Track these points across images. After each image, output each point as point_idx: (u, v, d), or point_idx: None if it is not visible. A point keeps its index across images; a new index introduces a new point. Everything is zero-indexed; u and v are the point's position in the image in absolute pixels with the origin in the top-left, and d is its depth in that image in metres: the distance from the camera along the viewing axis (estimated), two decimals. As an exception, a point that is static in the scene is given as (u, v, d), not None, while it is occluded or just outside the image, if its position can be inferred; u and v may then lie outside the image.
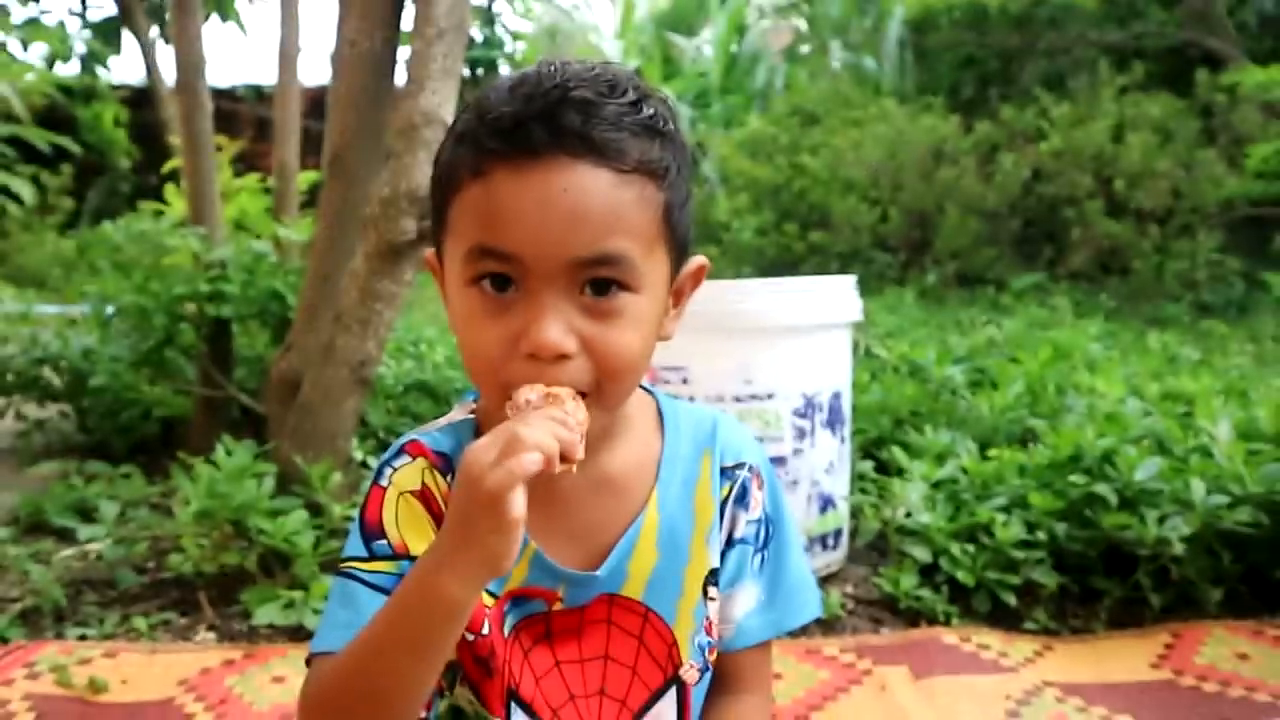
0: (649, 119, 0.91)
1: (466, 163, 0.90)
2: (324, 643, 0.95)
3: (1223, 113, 6.88)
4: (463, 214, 0.91)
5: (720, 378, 2.27)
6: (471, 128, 0.91)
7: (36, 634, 2.13)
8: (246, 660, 2.01)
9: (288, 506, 2.29)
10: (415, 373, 3.89)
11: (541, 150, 0.86)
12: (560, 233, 0.87)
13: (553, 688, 1.04)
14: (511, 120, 0.87)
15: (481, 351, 0.92)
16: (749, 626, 1.12)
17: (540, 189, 0.86)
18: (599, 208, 0.88)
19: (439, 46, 2.35)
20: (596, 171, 0.87)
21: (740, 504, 1.10)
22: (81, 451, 3.46)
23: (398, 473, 1.02)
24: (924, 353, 3.79)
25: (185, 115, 3.35)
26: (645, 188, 0.91)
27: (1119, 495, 2.21)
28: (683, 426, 1.10)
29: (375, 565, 0.98)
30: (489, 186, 0.88)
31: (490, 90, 0.92)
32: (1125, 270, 7.06)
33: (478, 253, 0.89)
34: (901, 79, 10.42)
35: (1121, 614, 2.20)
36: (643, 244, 0.91)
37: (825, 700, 1.88)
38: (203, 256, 3.16)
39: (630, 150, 0.89)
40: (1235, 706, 1.82)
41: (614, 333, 0.91)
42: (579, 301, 0.90)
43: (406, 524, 0.99)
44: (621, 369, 0.93)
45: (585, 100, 0.87)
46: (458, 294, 0.93)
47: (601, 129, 0.87)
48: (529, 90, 0.88)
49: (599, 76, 0.90)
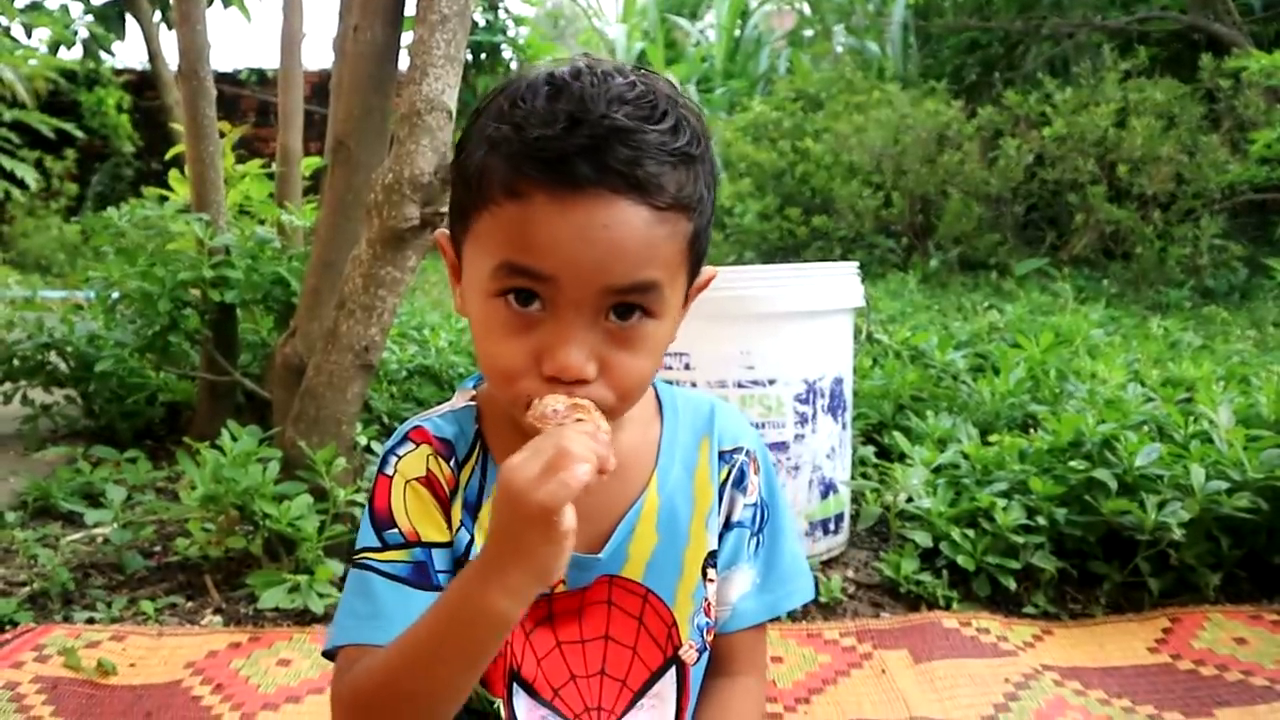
0: (686, 146, 0.90)
1: (500, 178, 0.88)
2: (346, 635, 0.97)
3: (1227, 98, 6.84)
4: (495, 229, 0.90)
5: (723, 363, 2.28)
6: (507, 139, 0.88)
7: (45, 617, 2.15)
8: (252, 644, 2.03)
9: (292, 491, 2.31)
10: (419, 358, 3.91)
11: (585, 184, 0.86)
12: (596, 264, 0.87)
13: (554, 668, 1.05)
14: (557, 153, 0.85)
15: (501, 364, 0.92)
16: (744, 609, 1.13)
17: (581, 221, 0.86)
18: (636, 243, 0.88)
19: (442, 33, 2.35)
20: (636, 208, 0.87)
21: (738, 487, 1.12)
22: (87, 436, 3.49)
23: (403, 460, 1.03)
24: (926, 338, 3.80)
25: (189, 101, 3.35)
26: (679, 222, 0.92)
27: (1119, 481, 2.22)
28: (681, 412, 1.12)
29: (389, 555, 0.99)
30: (526, 210, 0.87)
31: (524, 91, 0.90)
32: (1128, 255, 7.04)
33: (508, 269, 0.89)
34: (905, 63, 10.40)
35: (1120, 599, 2.22)
36: (670, 272, 0.93)
37: (825, 683, 1.90)
38: (207, 242, 3.17)
39: (669, 185, 0.89)
40: (1232, 690, 1.84)
41: (632, 359, 0.92)
42: (603, 326, 0.90)
43: (416, 512, 1.01)
44: (635, 392, 0.95)
45: (628, 131, 0.86)
46: (481, 302, 0.93)
47: (646, 166, 0.87)
48: (573, 111, 0.86)
49: (641, 96, 0.89)
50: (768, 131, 8.84)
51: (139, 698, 1.83)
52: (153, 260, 3.25)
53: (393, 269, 2.40)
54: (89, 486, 2.84)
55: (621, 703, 1.07)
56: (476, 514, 1.03)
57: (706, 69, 12.66)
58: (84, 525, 2.58)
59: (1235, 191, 6.89)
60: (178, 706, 1.80)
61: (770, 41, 12.51)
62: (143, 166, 11.63)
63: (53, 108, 10.13)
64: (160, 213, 3.44)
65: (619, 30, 13.82)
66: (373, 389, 3.33)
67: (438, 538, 1.01)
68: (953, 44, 10.24)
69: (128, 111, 11.64)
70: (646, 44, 13.03)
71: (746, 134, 8.93)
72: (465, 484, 1.03)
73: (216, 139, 3.42)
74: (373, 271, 2.40)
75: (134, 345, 3.31)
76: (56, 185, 10.97)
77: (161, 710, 1.79)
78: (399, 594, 0.98)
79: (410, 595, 0.98)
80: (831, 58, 11.01)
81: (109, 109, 11.39)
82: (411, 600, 0.97)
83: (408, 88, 2.36)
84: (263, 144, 10.38)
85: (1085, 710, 1.77)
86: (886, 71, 9.74)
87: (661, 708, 1.09)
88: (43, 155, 10.58)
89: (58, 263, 9.44)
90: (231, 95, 11.32)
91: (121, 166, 11.77)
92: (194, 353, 3.51)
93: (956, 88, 9.19)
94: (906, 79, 9.70)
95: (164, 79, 9.61)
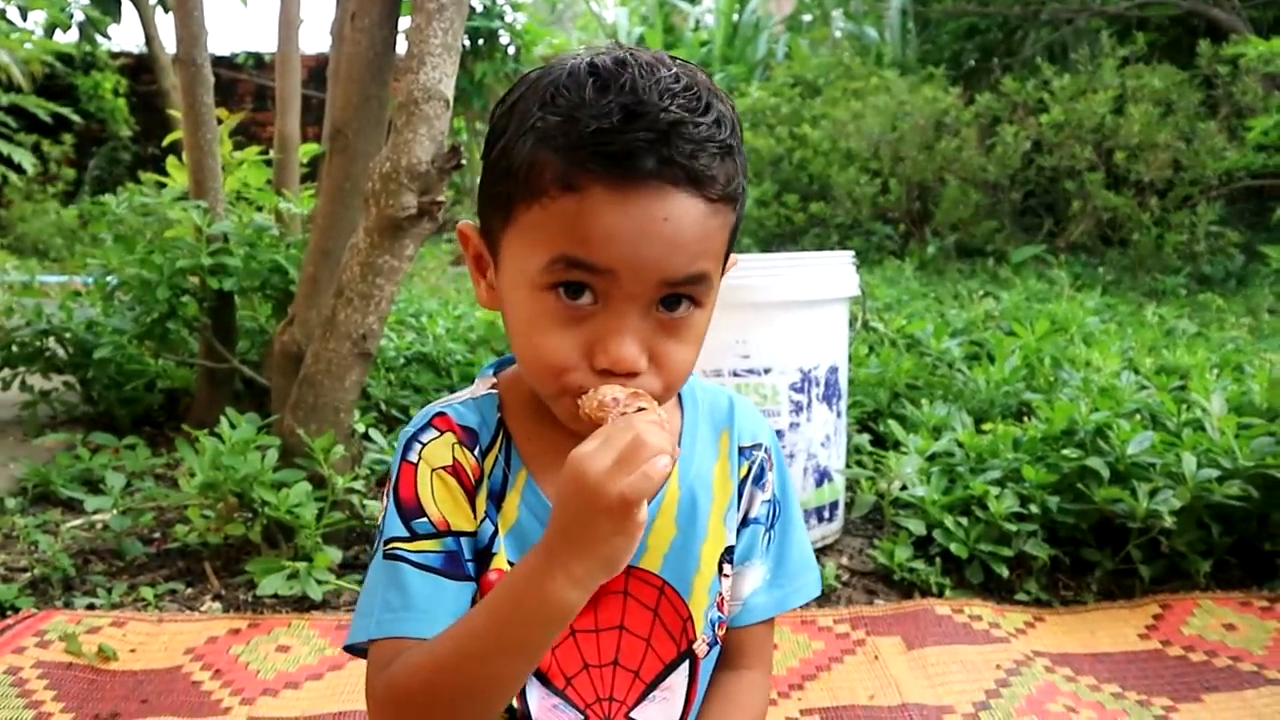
0: (729, 138, 0.91)
1: (556, 171, 0.87)
2: (383, 629, 0.95)
3: (1224, 84, 6.85)
4: (547, 222, 0.89)
5: (719, 352, 2.30)
6: (560, 131, 0.88)
7: (46, 603, 2.17)
8: (252, 630, 2.05)
9: (291, 479, 2.32)
10: (416, 345, 3.92)
11: (646, 178, 0.86)
12: (656, 258, 0.87)
13: (567, 656, 1.05)
14: (621, 147, 0.85)
15: (550, 357, 0.91)
16: (755, 604, 1.14)
17: (642, 215, 0.86)
18: (693, 236, 0.89)
19: (439, 22, 2.35)
20: (693, 201, 0.88)
21: (757, 484, 1.13)
22: (86, 423, 3.50)
23: (427, 448, 1.01)
24: (922, 326, 3.81)
25: (186, 88, 3.35)
26: (727, 214, 0.93)
27: (1111, 469, 2.24)
28: (700, 404, 1.13)
29: (419, 545, 0.97)
30: (583, 203, 0.86)
31: (567, 80, 0.89)
32: (1125, 242, 7.06)
33: (565, 263, 0.88)
34: (903, 49, 10.38)
35: (1112, 586, 2.24)
36: (717, 263, 0.94)
37: (819, 670, 1.92)
38: (205, 230, 3.18)
39: (719, 178, 0.90)
40: (1220, 675, 1.86)
41: (680, 349, 0.93)
42: (653, 318, 0.91)
43: (444, 500, 0.99)
44: (680, 381, 0.96)
45: (685, 124, 0.87)
46: (526, 294, 0.92)
47: (701, 159, 0.88)
48: (628, 104, 0.86)
49: (688, 89, 0.89)
50: (766, 118, 8.83)
51: (140, 683, 1.85)
52: (151, 248, 3.26)
53: (390, 257, 2.41)
54: (88, 473, 2.86)
55: (633, 694, 1.07)
56: (501, 504, 1.02)
57: (705, 54, 12.62)
58: (84, 512, 2.59)
59: (1232, 178, 6.90)
60: (178, 692, 1.82)
61: (769, 26, 12.47)
62: (140, 151, 11.60)
63: (49, 91, 10.10)
64: (158, 200, 3.44)
65: (617, 14, 13.78)
66: (371, 376, 3.34)
67: (466, 527, 1.00)
68: (951, 30, 10.22)
69: (124, 95, 11.60)
70: (645, 28, 12.99)
71: (744, 120, 8.88)
72: (490, 473, 1.02)
73: (214, 126, 3.42)
74: (370, 260, 2.41)
75: (133, 332, 3.32)
76: (54, 170, 10.95)
77: (162, 695, 1.80)
78: (433, 584, 0.96)
79: (444, 586, 0.97)
80: (830, 43, 10.99)
81: (106, 93, 11.36)
82: (445, 591, 0.96)
83: (405, 76, 2.37)
84: (260, 129, 10.37)
85: (1075, 696, 1.79)
86: (885, 57, 9.73)
87: (672, 700, 1.09)
88: (40, 139, 10.56)
89: (55, 247, 9.42)
90: (229, 79, 11.30)
91: (119, 151, 11.74)
92: (192, 340, 3.52)
93: (955, 74, 9.19)
94: (905, 65, 9.68)
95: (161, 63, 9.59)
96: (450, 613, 0.96)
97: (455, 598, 0.97)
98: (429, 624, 0.94)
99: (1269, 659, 1.91)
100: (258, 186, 3.78)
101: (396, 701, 0.92)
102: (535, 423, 1.04)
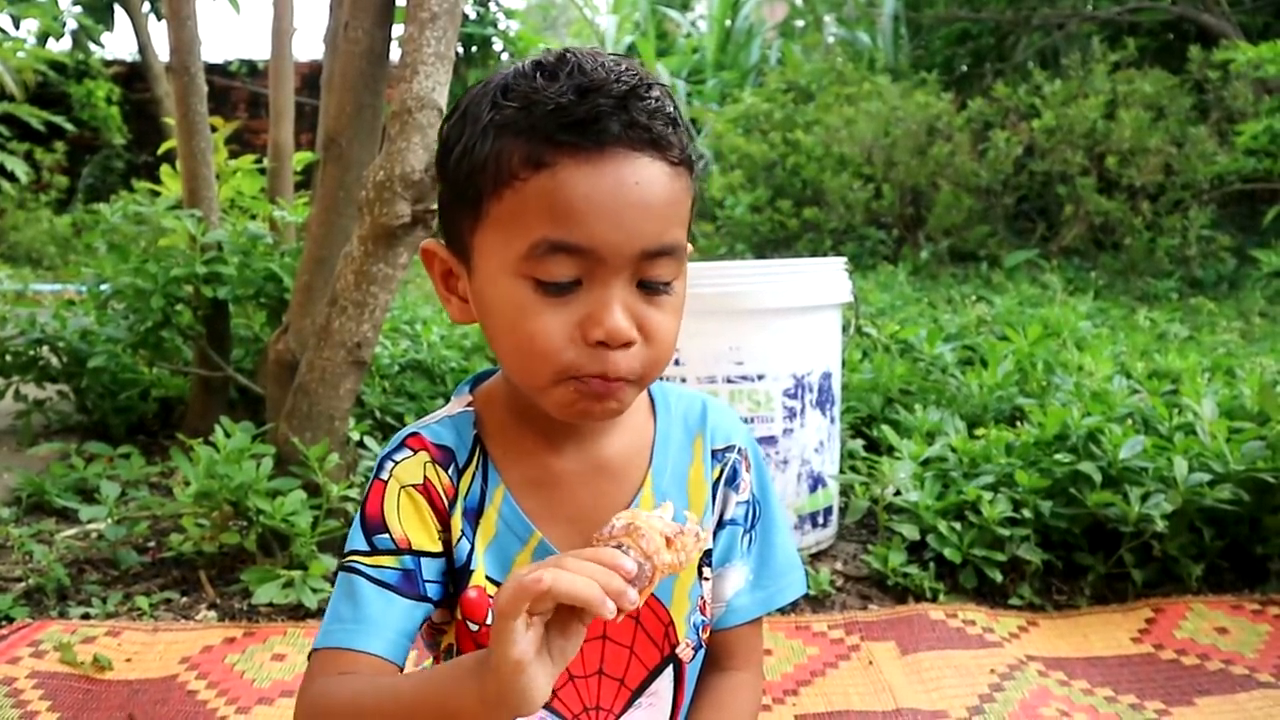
0: (674, 112, 0.94)
1: (523, 153, 0.89)
2: (329, 639, 0.96)
3: (1215, 89, 6.89)
4: (521, 205, 0.90)
5: (712, 359, 2.31)
6: (521, 117, 0.89)
7: (40, 613, 2.16)
8: (247, 639, 2.05)
9: (286, 487, 2.32)
10: (411, 353, 3.92)
11: (610, 144, 0.88)
12: (633, 225, 0.89)
13: None
14: (586, 112, 0.87)
15: (542, 341, 0.91)
16: (739, 605, 1.14)
17: (614, 181, 0.88)
18: (663, 199, 0.91)
19: (432, 31, 2.36)
20: (658, 164, 0.91)
21: (731, 486, 1.13)
22: (80, 432, 3.49)
23: (399, 466, 1.02)
24: (915, 331, 3.83)
25: (180, 97, 3.35)
26: (687, 180, 0.95)
27: (1104, 473, 2.24)
28: (673, 410, 1.13)
29: (378, 560, 0.98)
30: (557, 177, 0.88)
31: (515, 78, 0.92)
32: (1117, 246, 7.09)
33: (546, 247, 0.89)
34: (896, 55, 10.41)
35: (1104, 590, 2.24)
36: (685, 233, 0.96)
37: (814, 675, 1.92)
38: (199, 238, 3.18)
39: (675, 143, 0.92)
40: (1212, 679, 1.87)
41: (665, 318, 0.95)
42: (635, 293, 0.93)
43: (408, 518, 1.00)
44: (669, 352, 0.97)
45: (636, 91, 0.90)
46: (509, 285, 0.92)
47: (658, 124, 0.90)
48: (580, 83, 0.88)
49: (628, 68, 0.92)
50: (759, 123, 8.85)
51: (135, 692, 1.84)
52: (145, 256, 3.26)
53: (385, 266, 2.41)
54: (83, 482, 2.85)
55: (620, 702, 1.08)
56: (478, 522, 1.02)
57: (697, 60, 12.65)
58: (78, 521, 2.59)
59: (1223, 182, 6.94)
60: (173, 701, 1.82)
61: (761, 32, 12.51)
62: (133, 159, 11.59)
63: (42, 100, 10.07)
64: (152, 208, 3.44)
65: (610, 22, 13.80)
66: (365, 384, 3.34)
67: (429, 547, 1.00)
68: (943, 35, 10.26)
69: (118, 104, 11.59)
70: (637, 36, 13.02)
71: (737, 126, 8.94)
72: (466, 492, 1.03)
73: (208, 134, 3.42)
74: (365, 268, 2.41)
75: (127, 341, 3.32)
76: (46, 178, 10.93)
77: (157, 705, 1.80)
78: (385, 600, 0.97)
79: (395, 602, 0.97)
80: (823, 49, 11.01)
81: (99, 101, 11.33)
82: (396, 607, 0.97)
83: (399, 85, 2.38)
84: (254, 136, 10.36)
85: (1069, 700, 1.80)
86: (877, 63, 9.75)
87: (659, 705, 1.10)
88: (32, 148, 10.54)
89: (49, 256, 9.40)
90: (222, 87, 11.29)
91: (112, 159, 11.72)
92: (187, 348, 3.52)
93: (947, 79, 9.21)
94: (897, 70, 9.71)
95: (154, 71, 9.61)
96: (398, 630, 0.97)
97: (406, 615, 0.98)
98: (375, 638, 0.95)
99: (1260, 662, 1.92)
100: (252, 195, 3.79)
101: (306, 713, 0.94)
102: (512, 437, 1.05)
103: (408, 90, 2.35)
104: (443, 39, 2.38)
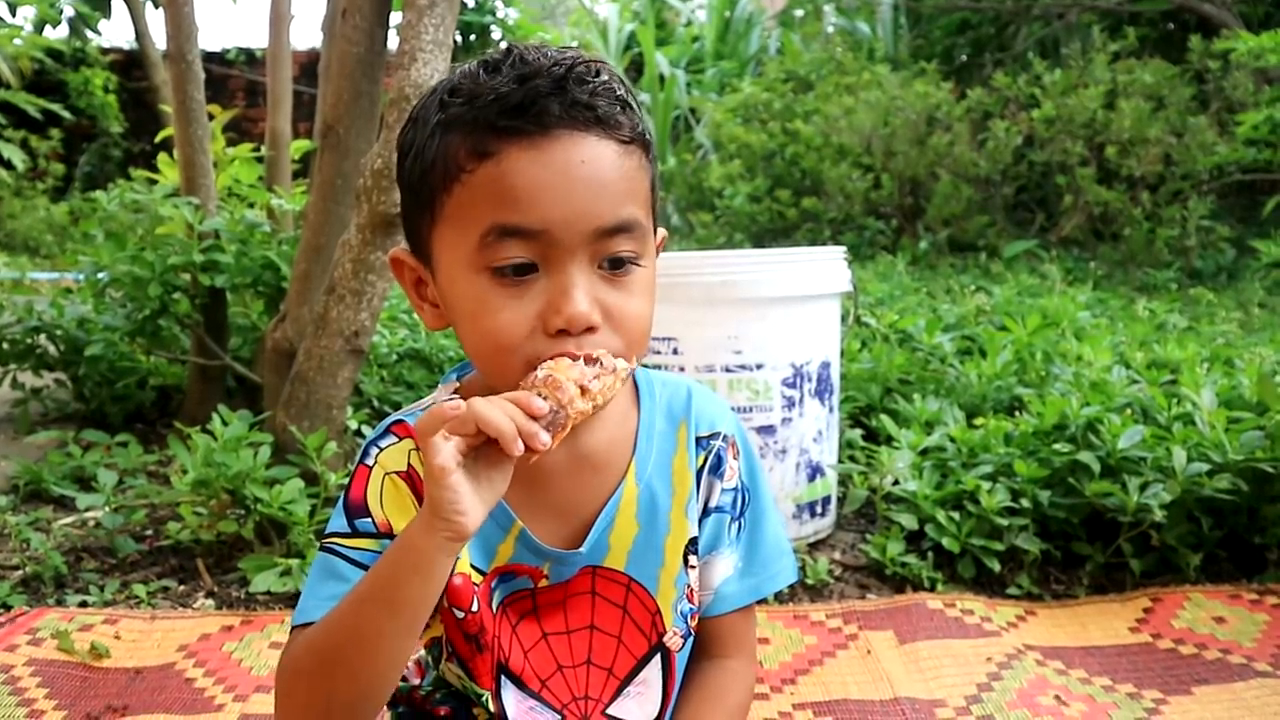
0: (624, 95, 0.94)
1: (468, 145, 0.90)
2: (304, 615, 0.97)
3: (1215, 79, 6.87)
4: (471, 198, 0.91)
5: (710, 348, 2.30)
6: (464, 112, 0.91)
7: (38, 601, 2.16)
8: (245, 626, 2.05)
9: (284, 475, 2.32)
10: (409, 341, 3.92)
11: (553, 125, 0.88)
12: (584, 203, 0.89)
13: (541, 659, 1.06)
14: (524, 97, 0.88)
15: (503, 334, 0.92)
16: (728, 593, 1.14)
17: (560, 162, 0.88)
18: (613, 177, 0.91)
19: (430, 18, 2.35)
20: (604, 142, 0.91)
21: (715, 473, 1.12)
22: (78, 420, 3.49)
23: (384, 453, 1.03)
24: (914, 321, 3.82)
25: (177, 85, 3.34)
26: (641, 157, 0.95)
27: (1102, 463, 2.24)
28: (658, 398, 1.13)
29: (357, 542, 0.99)
30: (503, 165, 0.88)
31: (461, 79, 0.93)
32: (1116, 237, 7.08)
33: (497, 233, 0.89)
34: (895, 44, 10.38)
35: (1103, 579, 2.25)
36: (645, 211, 0.96)
37: (812, 664, 1.92)
38: (196, 227, 3.17)
39: (624, 122, 0.93)
40: (1210, 668, 1.87)
41: (631, 301, 0.94)
42: (598, 275, 0.92)
43: (391, 504, 1.00)
44: (641, 335, 0.96)
45: (575, 72, 0.90)
46: (468, 279, 0.93)
47: (601, 104, 0.91)
48: (524, 71, 0.89)
49: (575, 58, 0.93)
50: (758, 113, 8.83)
51: (133, 680, 1.84)
52: (142, 244, 3.25)
53: (382, 254, 2.41)
54: (80, 470, 2.85)
55: (608, 691, 1.09)
56: None
57: (697, 50, 12.61)
58: (75, 509, 2.59)
59: (1223, 173, 6.92)
60: (171, 689, 1.82)
61: (761, 22, 12.47)
62: (130, 147, 11.55)
63: (38, 88, 10.06)
64: (149, 196, 3.43)
65: (609, 10, 13.75)
66: (363, 373, 3.34)
67: None
68: (943, 25, 10.22)
69: (115, 92, 11.55)
70: (637, 24, 12.97)
71: (736, 115, 8.92)
72: None
73: (205, 123, 3.41)
74: (362, 257, 2.41)
75: (124, 329, 3.31)
76: (43, 166, 10.90)
77: (155, 692, 1.80)
78: None
79: None
80: (822, 39, 10.97)
81: (96, 89, 11.29)
82: None
83: (396, 73, 2.37)
84: (251, 125, 10.34)
85: (1066, 689, 1.80)
86: (877, 53, 9.73)
87: (648, 694, 1.10)
88: (29, 135, 10.51)
89: (45, 244, 9.38)
90: (220, 75, 11.25)
91: (109, 147, 11.68)
92: (184, 337, 3.51)
93: (946, 69, 9.19)
94: (897, 60, 9.69)
95: (151, 59, 9.57)
96: None
97: None
98: None
99: (1258, 651, 1.92)
100: (249, 183, 3.78)
101: (293, 673, 0.96)
102: None
103: (405, 78, 2.34)
104: (441, 26, 2.37)
